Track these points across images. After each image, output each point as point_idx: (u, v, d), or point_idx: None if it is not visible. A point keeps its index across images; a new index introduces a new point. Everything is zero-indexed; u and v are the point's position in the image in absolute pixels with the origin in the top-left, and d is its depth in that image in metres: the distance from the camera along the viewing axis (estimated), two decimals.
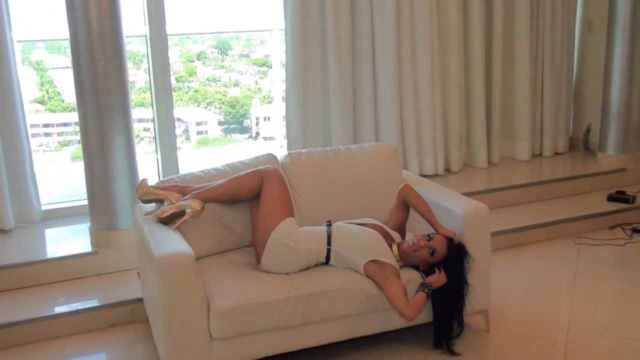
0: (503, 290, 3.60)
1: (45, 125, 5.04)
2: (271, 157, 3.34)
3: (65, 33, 3.49)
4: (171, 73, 4.37)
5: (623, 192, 4.76)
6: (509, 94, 5.35)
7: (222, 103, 5.46)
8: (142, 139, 5.08)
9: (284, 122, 4.75)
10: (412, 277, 2.92)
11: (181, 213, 2.89)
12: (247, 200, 3.05)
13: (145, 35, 4.25)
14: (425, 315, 2.97)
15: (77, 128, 3.73)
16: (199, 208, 2.87)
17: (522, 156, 5.41)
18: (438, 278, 2.88)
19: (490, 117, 5.28)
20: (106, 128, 3.53)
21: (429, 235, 2.91)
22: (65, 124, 5.07)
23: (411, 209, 3.09)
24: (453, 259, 2.90)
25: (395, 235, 3.07)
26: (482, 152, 5.20)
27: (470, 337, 3.11)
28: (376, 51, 4.74)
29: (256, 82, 5.57)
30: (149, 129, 5.00)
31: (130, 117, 3.63)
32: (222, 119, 5.48)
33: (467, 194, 3.56)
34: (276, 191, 2.92)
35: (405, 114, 4.88)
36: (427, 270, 2.94)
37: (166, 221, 2.92)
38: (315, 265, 2.95)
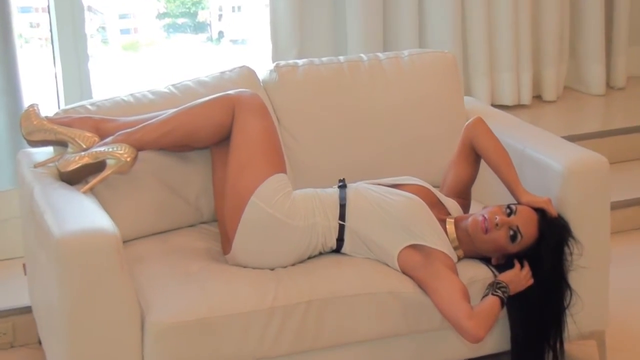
0: (628, 300, 3.62)
1: None
2: (246, 73, 3.36)
3: None
4: None
5: None
6: None
7: None
8: (28, 42, 5.07)
9: (268, 15, 4.75)
10: (478, 275, 2.94)
11: (98, 165, 2.88)
12: (206, 147, 3.07)
13: None
14: (498, 340, 2.99)
15: None
16: (128, 158, 2.86)
17: None
18: (519, 276, 2.88)
19: (612, 10, 5.27)
20: None
21: (509, 206, 2.90)
22: None
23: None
24: (546, 245, 2.90)
25: (452, 205, 3.09)
26: (596, 68, 5.21)
27: None
28: None
29: None
30: (39, 25, 4.99)
31: (7, 3, 3.62)
32: (162, 9, 5.48)
33: (571, 138, 3.57)
34: (256, 130, 2.92)
35: (469, 6, 4.88)
36: (503, 264, 2.95)
37: (73, 178, 2.93)
38: (320, 253, 2.98)
